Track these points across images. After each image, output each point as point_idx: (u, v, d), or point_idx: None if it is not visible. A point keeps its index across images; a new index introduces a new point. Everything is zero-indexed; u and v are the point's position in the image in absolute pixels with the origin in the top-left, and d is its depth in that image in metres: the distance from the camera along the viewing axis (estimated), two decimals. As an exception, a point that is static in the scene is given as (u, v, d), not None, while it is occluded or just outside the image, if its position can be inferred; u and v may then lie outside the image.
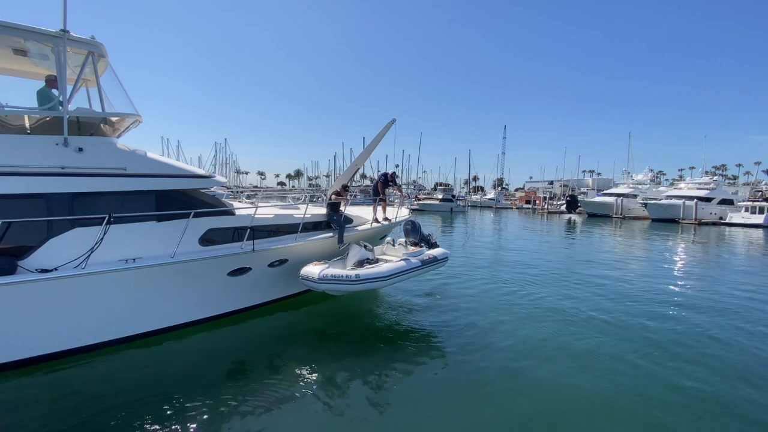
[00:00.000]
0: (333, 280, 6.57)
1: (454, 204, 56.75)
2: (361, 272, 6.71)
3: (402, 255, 7.80)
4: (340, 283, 6.57)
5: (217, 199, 7.19)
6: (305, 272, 6.87)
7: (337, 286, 6.61)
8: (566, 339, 6.82)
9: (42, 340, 5.32)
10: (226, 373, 5.38)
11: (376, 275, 6.78)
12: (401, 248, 8.32)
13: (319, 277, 6.59)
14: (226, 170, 74.30)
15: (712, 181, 50.46)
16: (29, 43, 5.71)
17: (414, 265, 7.48)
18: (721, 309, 8.95)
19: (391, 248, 8.46)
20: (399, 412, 4.58)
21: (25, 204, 5.23)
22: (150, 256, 5.93)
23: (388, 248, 8.51)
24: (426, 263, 7.80)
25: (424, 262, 7.76)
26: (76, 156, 5.58)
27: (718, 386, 5.34)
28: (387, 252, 8.40)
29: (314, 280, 6.66)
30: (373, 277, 6.74)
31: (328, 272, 6.65)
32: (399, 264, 7.26)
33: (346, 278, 6.56)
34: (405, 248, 8.28)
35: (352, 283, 6.56)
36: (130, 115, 6.55)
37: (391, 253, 8.26)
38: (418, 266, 7.57)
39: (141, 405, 4.49)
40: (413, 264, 7.48)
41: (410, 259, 7.57)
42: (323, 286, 6.66)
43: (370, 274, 6.73)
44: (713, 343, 6.86)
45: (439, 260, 8.24)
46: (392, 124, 9.81)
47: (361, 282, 6.60)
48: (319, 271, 6.68)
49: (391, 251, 8.36)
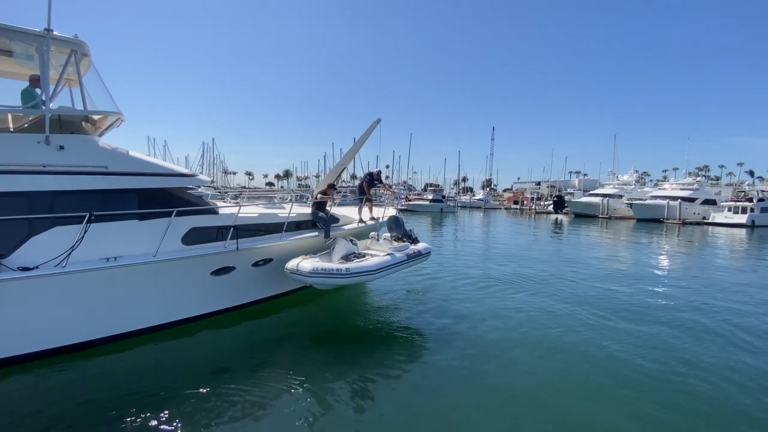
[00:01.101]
0: (323, 274, 6.59)
1: (444, 204, 57.19)
2: (351, 266, 6.78)
3: (388, 249, 7.96)
4: (331, 276, 6.61)
5: (201, 198, 7.21)
6: (293, 266, 6.88)
7: (327, 279, 6.65)
8: (556, 338, 6.84)
9: (24, 340, 5.30)
10: (210, 374, 5.33)
11: (366, 269, 6.89)
12: (386, 243, 8.47)
13: (310, 271, 6.60)
14: (214, 170, 73.61)
15: (695, 182, 51.57)
16: (14, 43, 5.70)
17: (400, 259, 7.67)
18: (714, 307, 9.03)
19: (376, 243, 8.59)
20: (388, 416, 4.52)
21: (6, 202, 5.21)
22: (131, 255, 5.94)
23: (373, 243, 8.64)
24: (411, 257, 8.01)
25: (410, 256, 7.97)
26: (58, 154, 5.57)
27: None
28: (371, 247, 8.51)
29: (304, 273, 6.67)
30: (363, 270, 6.85)
31: (318, 266, 6.69)
32: (386, 258, 7.43)
33: (337, 272, 6.62)
34: (390, 243, 8.43)
35: (343, 276, 6.62)
36: (113, 114, 6.55)
37: (375, 248, 8.37)
38: (404, 260, 7.77)
39: (121, 405, 4.48)
40: (399, 258, 7.67)
41: (396, 253, 7.74)
42: (313, 279, 6.67)
43: (360, 268, 6.83)
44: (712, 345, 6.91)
45: (423, 254, 8.48)
46: (377, 123, 9.92)
47: (351, 276, 6.67)
48: (309, 265, 6.72)
49: (375, 246, 8.49)
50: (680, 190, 49.15)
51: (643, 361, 5.95)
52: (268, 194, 25.16)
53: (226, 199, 11.37)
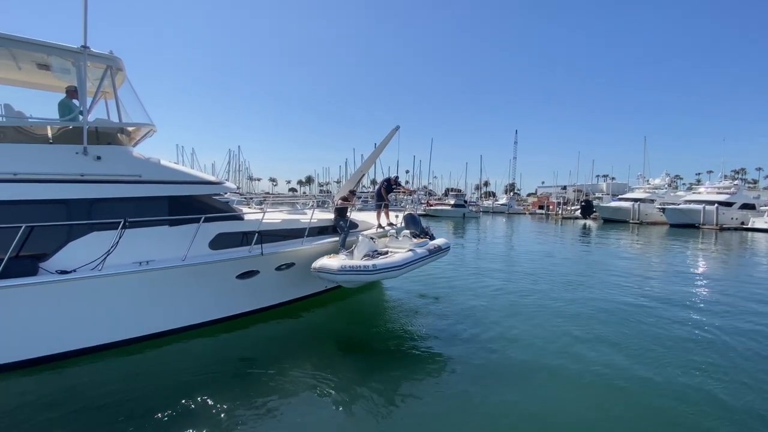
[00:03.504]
0: (351, 271, 6.72)
1: (466, 209, 56.11)
2: (378, 262, 6.90)
3: (409, 246, 8.03)
4: (358, 273, 6.74)
5: (227, 204, 7.46)
6: (321, 265, 6.99)
7: (355, 276, 6.78)
8: (582, 352, 6.45)
9: (60, 339, 5.60)
10: (234, 375, 5.47)
11: (391, 265, 7.01)
12: (406, 240, 8.55)
13: (337, 269, 6.72)
14: (239, 177, 75.47)
15: (732, 185, 49.03)
16: (52, 58, 6.09)
17: (422, 254, 7.76)
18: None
19: (395, 241, 8.67)
20: (408, 425, 4.44)
21: (47, 209, 5.56)
22: (162, 259, 6.20)
23: (392, 241, 8.72)
24: (432, 252, 8.09)
25: (431, 251, 8.06)
26: (95, 164, 5.91)
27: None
28: (391, 245, 8.58)
29: (331, 271, 6.78)
30: (389, 266, 6.97)
31: (345, 263, 6.83)
32: (409, 254, 7.53)
33: (364, 269, 6.74)
34: (410, 240, 8.49)
35: (370, 273, 6.76)
36: (146, 125, 6.88)
37: (395, 246, 8.43)
38: (426, 255, 7.86)
39: (151, 402, 4.67)
40: (421, 254, 7.76)
41: (417, 249, 7.82)
42: (341, 277, 6.79)
43: (386, 264, 6.94)
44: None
45: (443, 249, 8.57)
46: (396, 131, 10.01)
47: (378, 272, 6.81)
48: (335, 263, 6.85)
49: (395, 243, 8.56)
50: (717, 194, 46.86)
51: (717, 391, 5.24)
52: (291, 200, 25.63)
53: (250, 204, 11.70)
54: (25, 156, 5.54)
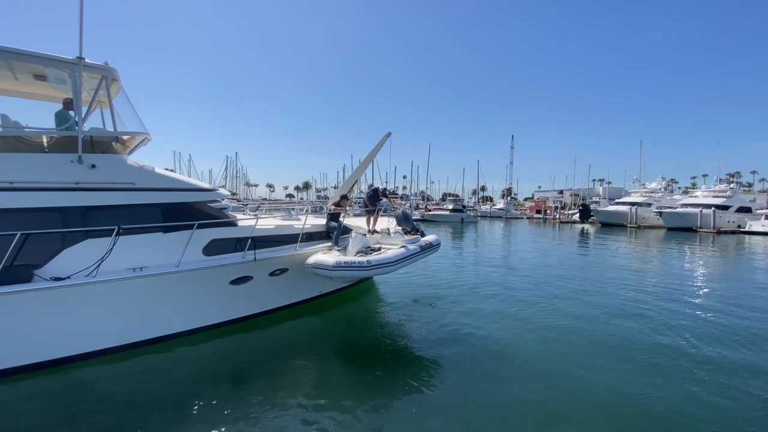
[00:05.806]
0: (346, 267, 6.83)
1: (464, 214, 56.31)
2: (372, 258, 7.02)
3: (401, 242, 8.14)
4: (353, 269, 6.85)
5: (221, 211, 7.55)
6: (316, 261, 7.06)
7: (350, 272, 6.90)
8: (579, 364, 6.21)
9: (55, 345, 5.66)
10: (228, 380, 5.49)
11: (385, 261, 7.14)
12: (398, 236, 8.66)
13: (333, 265, 6.80)
14: (237, 183, 75.47)
15: (729, 189, 49.26)
16: (48, 69, 6.21)
17: (414, 250, 7.91)
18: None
19: (388, 237, 8.75)
20: (407, 427, 4.47)
21: (43, 217, 5.65)
22: (156, 265, 6.28)
23: (384, 237, 8.80)
24: (424, 248, 8.26)
25: (423, 247, 8.22)
26: (89, 172, 6.01)
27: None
28: (383, 241, 8.66)
29: (326, 267, 6.87)
30: (383, 262, 7.10)
31: (340, 259, 6.93)
32: (402, 250, 7.65)
33: (359, 264, 6.85)
34: (402, 236, 8.59)
35: (364, 269, 6.88)
36: (140, 134, 7.00)
37: (388, 242, 8.52)
38: (418, 252, 8.01)
39: (144, 409, 4.71)
40: (413, 250, 7.90)
41: (410, 245, 7.94)
42: (336, 273, 6.88)
43: (380, 260, 7.07)
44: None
45: (434, 245, 8.74)
46: (388, 137, 10.16)
47: (372, 268, 6.92)
48: (331, 259, 6.93)
49: (388, 240, 8.65)
50: (713, 198, 47.14)
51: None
52: (287, 206, 25.71)
53: (245, 211, 11.78)
54: (21, 164, 5.64)
